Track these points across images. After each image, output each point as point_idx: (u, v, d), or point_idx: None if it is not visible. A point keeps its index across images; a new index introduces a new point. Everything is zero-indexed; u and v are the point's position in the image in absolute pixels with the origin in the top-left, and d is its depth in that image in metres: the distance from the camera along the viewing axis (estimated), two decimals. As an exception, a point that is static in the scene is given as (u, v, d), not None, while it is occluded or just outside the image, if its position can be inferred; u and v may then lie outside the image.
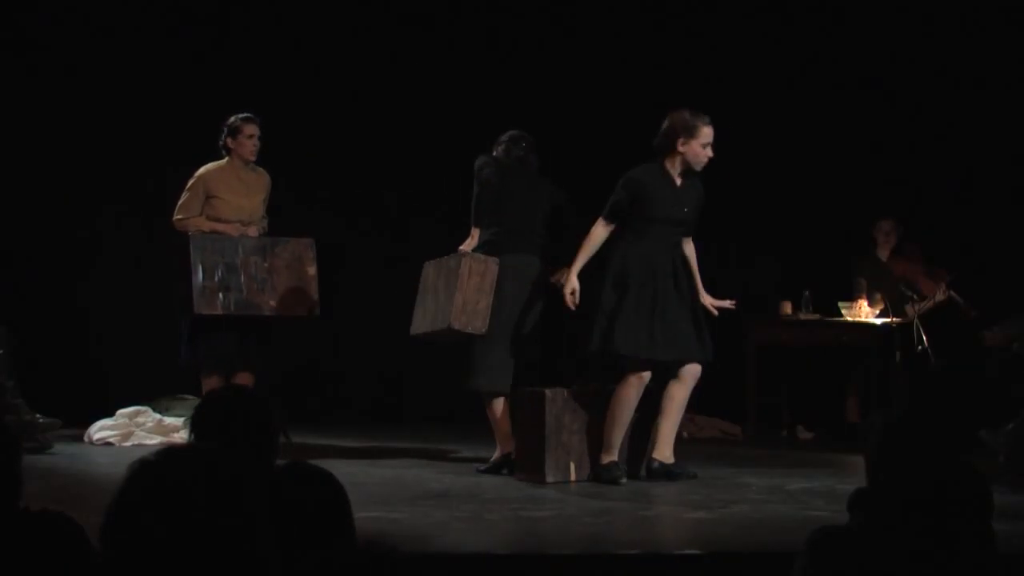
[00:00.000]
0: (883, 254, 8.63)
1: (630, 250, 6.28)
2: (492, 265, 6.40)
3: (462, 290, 6.28)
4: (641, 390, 6.24)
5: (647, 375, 6.23)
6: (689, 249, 6.52)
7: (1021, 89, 8.46)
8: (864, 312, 8.18)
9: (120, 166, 8.73)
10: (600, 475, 6.22)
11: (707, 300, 6.51)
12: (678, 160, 6.32)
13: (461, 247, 6.60)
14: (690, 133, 6.27)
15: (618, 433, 6.23)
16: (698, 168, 6.34)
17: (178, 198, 7.15)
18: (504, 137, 6.77)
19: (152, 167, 8.53)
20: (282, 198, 7.64)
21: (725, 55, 8.97)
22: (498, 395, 6.51)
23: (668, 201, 6.30)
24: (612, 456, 6.23)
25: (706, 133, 6.28)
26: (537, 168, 6.76)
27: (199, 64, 8.77)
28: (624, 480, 6.17)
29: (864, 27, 8.88)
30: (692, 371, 6.30)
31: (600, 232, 6.33)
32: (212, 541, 1.75)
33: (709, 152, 6.30)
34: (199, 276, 6.88)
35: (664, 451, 6.30)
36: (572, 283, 6.33)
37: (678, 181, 6.35)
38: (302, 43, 8.99)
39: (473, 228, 6.64)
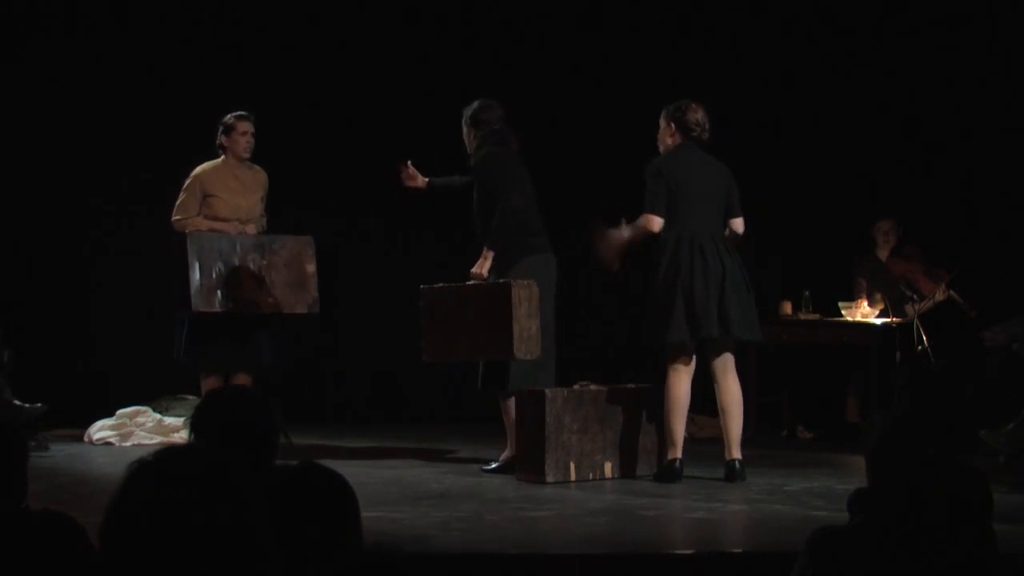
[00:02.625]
0: (883, 254, 8.62)
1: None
2: (535, 288, 6.34)
3: (517, 320, 6.21)
4: (686, 379, 6.24)
5: (687, 363, 6.23)
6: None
7: (1020, 88, 8.46)
8: (864, 312, 8.18)
9: (119, 166, 8.73)
10: (658, 473, 6.26)
11: None
12: None
13: (474, 269, 6.45)
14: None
15: (673, 426, 6.21)
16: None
17: (176, 198, 7.14)
18: (489, 118, 6.59)
19: (150, 166, 8.52)
20: (282, 196, 7.62)
21: (725, 55, 8.97)
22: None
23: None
24: (671, 452, 6.22)
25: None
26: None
27: (196, 64, 8.77)
28: (679, 480, 6.14)
29: (864, 27, 8.88)
30: (723, 360, 6.30)
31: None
32: (211, 541, 1.75)
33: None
34: (196, 274, 6.84)
35: (733, 451, 6.26)
36: None
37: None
38: (302, 42, 9.00)
39: (487, 250, 6.46)
